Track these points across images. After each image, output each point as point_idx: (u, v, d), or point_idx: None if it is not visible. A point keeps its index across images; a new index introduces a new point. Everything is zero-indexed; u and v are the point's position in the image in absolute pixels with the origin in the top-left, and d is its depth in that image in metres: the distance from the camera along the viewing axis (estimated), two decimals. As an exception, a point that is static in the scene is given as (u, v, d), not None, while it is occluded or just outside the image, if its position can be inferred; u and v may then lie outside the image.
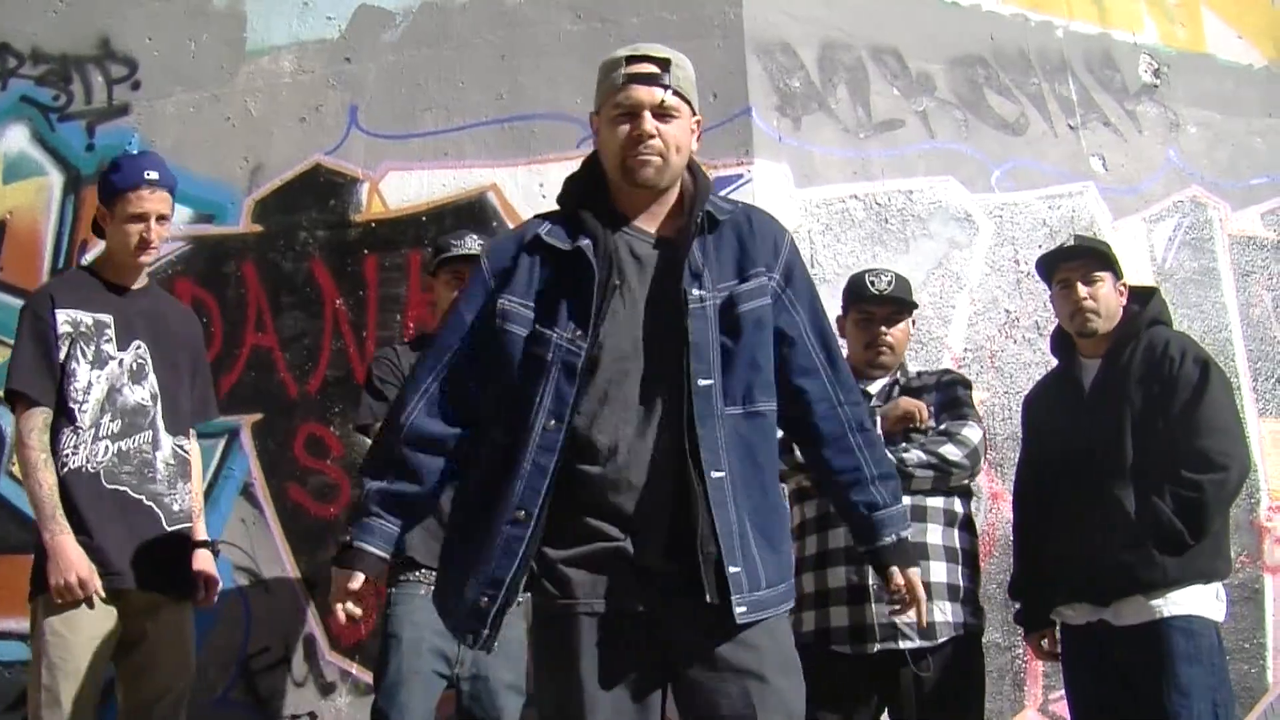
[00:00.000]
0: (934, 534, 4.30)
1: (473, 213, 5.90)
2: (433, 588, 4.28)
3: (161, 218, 4.32)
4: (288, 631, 5.74)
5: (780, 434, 3.60)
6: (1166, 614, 4.07)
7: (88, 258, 5.98)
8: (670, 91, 3.00)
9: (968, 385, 4.61)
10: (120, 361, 4.28)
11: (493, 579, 2.92)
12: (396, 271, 5.90)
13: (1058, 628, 4.49)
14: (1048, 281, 4.59)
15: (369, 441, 4.67)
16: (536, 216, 3.22)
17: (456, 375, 3.10)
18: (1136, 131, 6.46)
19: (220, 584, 4.55)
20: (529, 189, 5.86)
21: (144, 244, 4.29)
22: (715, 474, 2.91)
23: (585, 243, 3.00)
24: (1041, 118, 6.32)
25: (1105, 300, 4.39)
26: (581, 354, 2.94)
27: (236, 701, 5.70)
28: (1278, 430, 6.15)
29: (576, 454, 2.95)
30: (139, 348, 4.33)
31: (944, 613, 4.23)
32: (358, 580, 3.04)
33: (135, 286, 4.43)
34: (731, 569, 2.88)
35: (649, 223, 3.10)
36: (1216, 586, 4.20)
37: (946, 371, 4.74)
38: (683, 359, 2.94)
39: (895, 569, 3.21)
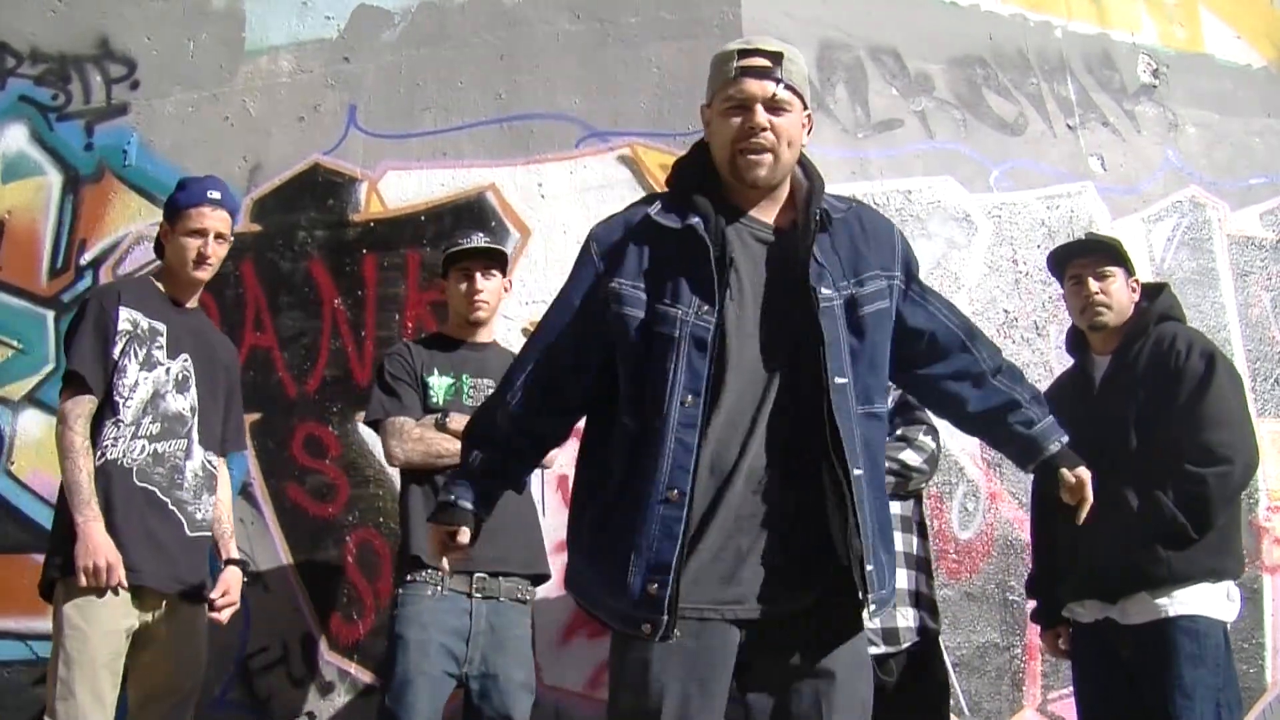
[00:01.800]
0: (895, 540, 4.30)
1: (471, 212, 5.90)
2: (438, 587, 4.38)
3: (219, 236, 4.44)
4: (286, 631, 5.74)
5: None
6: (1172, 613, 4.08)
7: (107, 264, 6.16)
8: (782, 85, 3.00)
9: None
10: (168, 370, 4.36)
11: (657, 564, 2.86)
12: (395, 271, 5.89)
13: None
14: (1059, 277, 4.59)
15: (375, 436, 4.72)
16: (645, 199, 3.23)
17: (557, 361, 3.12)
18: (1135, 131, 6.46)
19: (238, 605, 4.57)
20: (528, 189, 5.87)
21: (201, 259, 4.42)
22: (856, 471, 2.91)
23: (695, 220, 3.00)
24: (1040, 118, 6.32)
25: (1116, 296, 4.41)
26: (710, 328, 2.92)
27: (235, 701, 5.70)
28: (1277, 430, 6.15)
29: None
30: (185, 360, 4.42)
31: (906, 618, 4.25)
32: (464, 534, 3.13)
33: (189, 305, 4.55)
34: (869, 567, 2.89)
35: (763, 214, 3.11)
36: (1227, 585, 4.20)
37: None
38: (816, 356, 2.94)
39: (1066, 470, 3.33)
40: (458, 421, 4.50)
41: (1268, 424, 6.13)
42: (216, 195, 4.44)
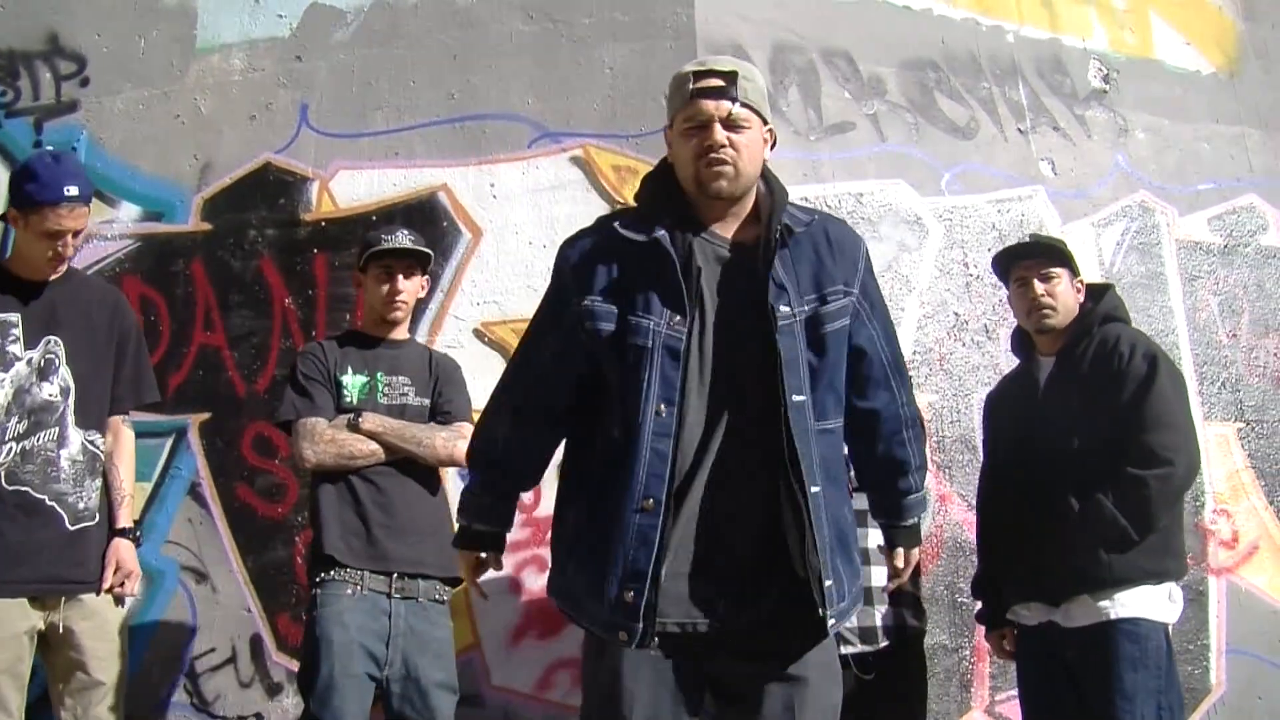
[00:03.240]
0: (875, 538, 4.31)
1: (423, 212, 5.89)
2: (357, 587, 4.32)
3: (78, 233, 4.25)
4: (234, 632, 5.70)
5: None
6: (1114, 616, 4.09)
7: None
8: (738, 104, 3.06)
9: None
10: (29, 361, 4.21)
11: (634, 572, 2.92)
12: (346, 271, 5.85)
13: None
14: (1004, 279, 4.61)
15: (286, 436, 4.65)
16: (612, 213, 3.30)
17: (543, 378, 3.23)
18: (1085, 136, 6.50)
19: (139, 574, 4.42)
20: (480, 189, 5.85)
21: (58, 258, 4.24)
22: (814, 489, 2.96)
23: (660, 233, 3.06)
24: (991, 121, 6.35)
25: (1062, 297, 4.42)
26: (683, 338, 2.99)
27: (182, 702, 5.65)
28: (1223, 434, 6.19)
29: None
30: (49, 343, 4.25)
31: (885, 616, 4.25)
32: (489, 559, 3.39)
33: (50, 279, 4.33)
34: (827, 583, 2.95)
35: (724, 229, 3.15)
36: (1169, 587, 4.21)
37: None
38: (774, 372, 2.98)
39: (902, 549, 3.40)
40: (371, 422, 4.45)
41: (1214, 427, 6.18)
42: (74, 191, 4.16)
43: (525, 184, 5.82)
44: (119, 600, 4.35)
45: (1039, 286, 4.41)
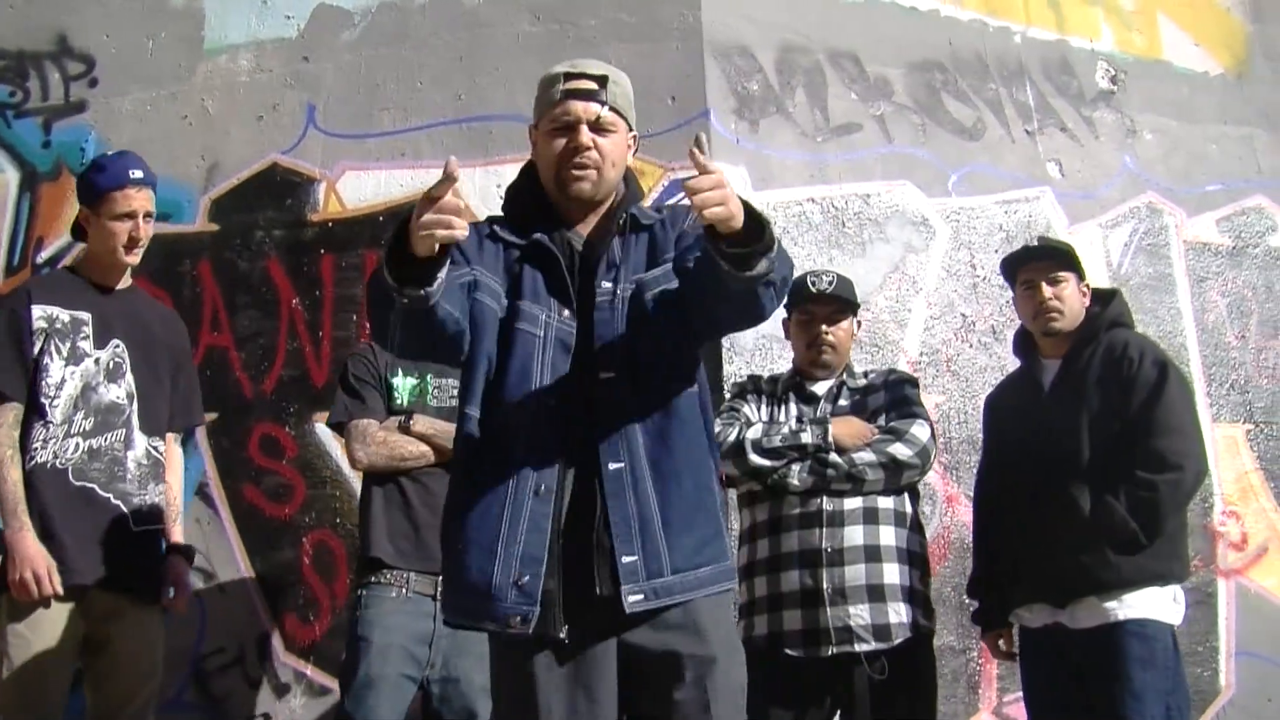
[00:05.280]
0: (887, 535, 4.30)
1: (430, 213, 5.87)
2: (402, 589, 4.32)
3: (148, 215, 4.32)
4: (242, 632, 5.72)
5: (730, 440, 3.70)
6: (1121, 617, 4.09)
7: (65, 259, 5.98)
8: (606, 107, 3.04)
9: (915, 384, 4.63)
10: (97, 360, 4.25)
11: (527, 557, 2.88)
12: (353, 271, 5.87)
13: (1015, 628, 4.51)
14: (1011, 282, 4.61)
15: (334, 437, 4.64)
16: (484, 220, 3.24)
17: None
18: (1093, 137, 6.50)
19: (191, 590, 4.51)
20: (486, 190, 5.85)
21: (133, 242, 4.29)
22: (613, 465, 2.93)
23: (539, 235, 3.05)
24: (998, 123, 6.34)
25: (1069, 301, 4.43)
26: (572, 332, 2.98)
27: (190, 702, 5.66)
28: (1231, 435, 6.19)
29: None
30: (117, 347, 4.30)
31: (898, 614, 4.22)
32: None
33: (119, 287, 4.41)
34: (625, 559, 2.88)
35: (584, 228, 3.14)
36: (1174, 589, 4.22)
37: (893, 371, 4.75)
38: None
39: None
40: (422, 424, 4.46)
41: (1223, 429, 6.17)
42: (139, 174, 4.27)
43: (532, 185, 5.83)
44: (168, 613, 4.40)
45: (1046, 290, 4.42)
